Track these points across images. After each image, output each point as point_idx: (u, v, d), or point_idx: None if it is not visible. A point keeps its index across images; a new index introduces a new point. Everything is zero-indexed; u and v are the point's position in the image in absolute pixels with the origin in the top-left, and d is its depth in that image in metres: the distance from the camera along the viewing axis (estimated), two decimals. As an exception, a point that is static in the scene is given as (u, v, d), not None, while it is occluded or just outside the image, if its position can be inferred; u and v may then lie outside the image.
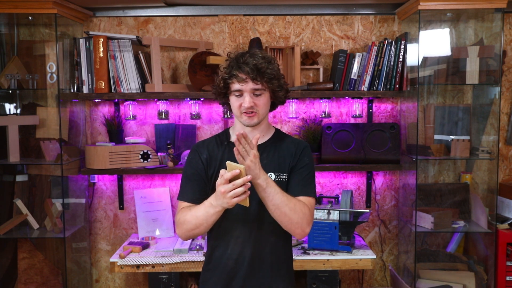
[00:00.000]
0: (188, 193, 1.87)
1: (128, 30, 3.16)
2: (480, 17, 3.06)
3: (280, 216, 1.73)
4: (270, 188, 1.69)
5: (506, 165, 3.26)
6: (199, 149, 1.91)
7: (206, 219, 1.74)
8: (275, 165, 1.84)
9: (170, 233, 3.13)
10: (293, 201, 1.74)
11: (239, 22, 3.17)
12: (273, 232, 1.84)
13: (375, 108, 3.22)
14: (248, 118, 1.80)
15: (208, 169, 1.87)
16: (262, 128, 1.88)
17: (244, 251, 1.84)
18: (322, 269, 2.75)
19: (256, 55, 1.78)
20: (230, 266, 1.85)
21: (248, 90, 1.77)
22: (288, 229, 1.79)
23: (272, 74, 1.78)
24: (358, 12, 3.15)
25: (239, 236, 1.84)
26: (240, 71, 1.75)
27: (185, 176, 1.91)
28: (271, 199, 1.70)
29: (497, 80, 2.93)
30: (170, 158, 3.01)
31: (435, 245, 3.26)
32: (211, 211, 1.71)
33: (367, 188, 3.26)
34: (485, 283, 2.97)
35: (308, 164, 1.87)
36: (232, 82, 1.78)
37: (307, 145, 1.91)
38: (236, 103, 1.80)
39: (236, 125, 1.91)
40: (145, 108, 3.21)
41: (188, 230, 1.80)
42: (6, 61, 3.09)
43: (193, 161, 1.90)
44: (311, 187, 1.85)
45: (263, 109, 1.81)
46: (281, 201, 1.71)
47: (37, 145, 3.06)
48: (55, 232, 2.94)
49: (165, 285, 2.76)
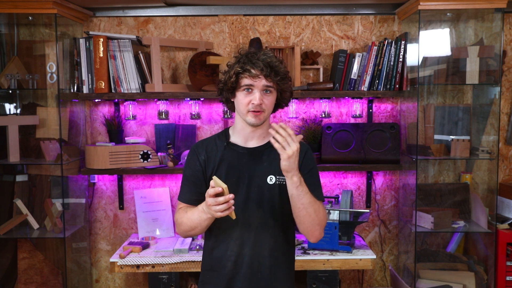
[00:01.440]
0: (185, 195, 1.89)
1: (128, 30, 3.16)
2: (480, 17, 3.06)
3: (305, 216, 1.74)
4: (302, 186, 1.69)
5: (506, 165, 3.26)
6: (198, 149, 1.90)
7: (200, 223, 1.76)
8: (276, 168, 1.79)
9: (170, 233, 3.13)
10: (317, 203, 1.76)
11: (239, 22, 3.17)
12: (273, 234, 1.84)
13: (375, 108, 3.22)
14: (254, 116, 1.77)
15: (206, 170, 1.86)
16: (264, 128, 1.85)
17: (243, 253, 1.83)
18: (322, 269, 2.75)
19: (269, 54, 1.78)
20: (229, 268, 1.84)
21: (260, 86, 1.75)
22: (307, 231, 1.79)
23: (284, 74, 1.79)
24: (358, 12, 3.15)
25: (238, 237, 1.83)
26: (254, 67, 1.74)
27: (184, 177, 1.92)
28: (301, 198, 1.70)
29: (497, 80, 2.93)
30: (170, 158, 3.01)
31: (435, 245, 3.26)
32: (203, 217, 1.73)
33: (367, 188, 3.26)
34: (485, 283, 2.97)
35: (313, 169, 1.86)
36: (244, 77, 1.75)
37: (308, 148, 1.90)
38: (245, 100, 1.77)
39: (237, 124, 1.87)
40: (145, 108, 3.21)
41: (185, 231, 1.84)
42: (6, 61, 3.09)
43: (191, 162, 1.89)
44: (319, 191, 1.85)
45: (269, 108, 1.80)
46: (309, 202, 1.72)
47: (37, 145, 3.06)
48: (55, 232, 2.94)
49: (165, 285, 2.76)
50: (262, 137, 1.86)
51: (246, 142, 1.86)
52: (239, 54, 1.81)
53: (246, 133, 1.84)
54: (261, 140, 1.86)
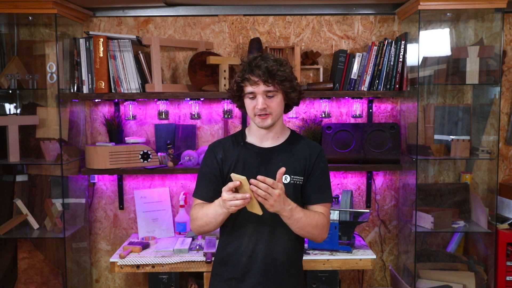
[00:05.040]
0: (202, 191, 1.96)
1: (128, 30, 3.16)
2: (480, 17, 3.06)
3: (304, 234, 1.87)
4: (294, 215, 1.78)
5: (506, 165, 3.26)
6: (215, 148, 1.98)
7: (215, 217, 1.83)
8: (290, 168, 1.89)
9: (170, 233, 3.13)
10: (315, 219, 1.85)
11: (239, 22, 3.17)
12: (286, 232, 1.90)
13: (375, 108, 3.22)
14: (261, 120, 1.86)
15: (223, 168, 1.94)
16: (277, 129, 1.94)
17: (257, 249, 1.90)
18: (322, 269, 2.75)
19: (268, 59, 1.84)
20: (244, 263, 1.92)
21: (260, 92, 1.83)
22: (310, 240, 1.98)
23: (283, 76, 1.83)
24: (358, 12, 3.15)
25: (253, 234, 1.91)
26: (252, 74, 1.81)
27: (200, 174, 1.99)
28: (296, 224, 1.81)
29: (497, 80, 2.93)
30: (170, 158, 3.01)
31: (435, 245, 3.26)
32: (219, 211, 1.80)
33: (367, 188, 3.26)
34: (485, 283, 2.97)
35: (323, 170, 1.95)
36: (245, 85, 1.84)
37: (321, 149, 1.98)
38: (250, 105, 1.86)
39: (252, 126, 1.96)
40: (145, 108, 3.21)
41: (200, 226, 1.90)
42: (6, 61, 3.09)
43: (208, 160, 1.97)
44: (328, 193, 1.95)
45: (276, 110, 1.87)
46: (305, 223, 1.82)
47: (37, 145, 3.06)
48: (55, 232, 2.94)
49: (165, 285, 2.76)
50: (276, 138, 1.95)
51: (261, 142, 1.95)
52: (242, 61, 1.91)
53: (261, 134, 1.94)
54: (276, 140, 1.95)
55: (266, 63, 1.81)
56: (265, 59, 1.83)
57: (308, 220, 1.82)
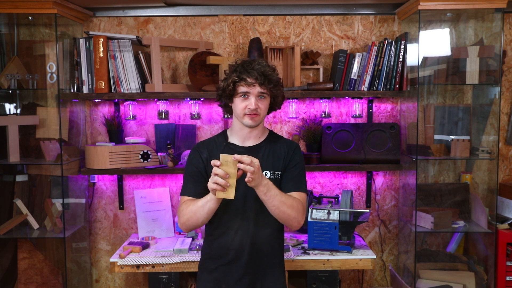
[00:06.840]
0: (190, 189, 2.04)
1: (128, 30, 3.16)
2: (480, 17, 3.06)
3: (279, 214, 1.94)
4: (270, 192, 1.89)
5: (506, 165, 3.26)
6: (200, 148, 2.10)
7: (203, 205, 1.90)
8: (270, 164, 2.05)
9: (170, 233, 3.13)
10: (290, 200, 1.95)
11: (239, 22, 3.17)
12: (269, 224, 2.04)
13: (375, 108, 3.22)
14: (251, 119, 1.98)
15: (208, 167, 2.03)
16: (259, 129, 2.08)
17: (244, 242, 2.03)
18: (322, 269, 2.75)
19: (262, 63, 1.99)
20: (231, 256, 2.04)
21: (255, 93, 1.97)
22: (286, 223, 1.99)
23: (276, 81, 2.00)
24: (358, 12, 3.15)
25: (239, 228, 2.03)
26: (249, 76, 1.94)
27: (186, 174, 2.09)
28: (271, 201, 1.90)
29: (497, 80, 2.93)
30: (170, 158, 3.01)
31: (435, 245, 3.26)
32: (207, 197, 1.89)
33: (367, 188, 3.26)
34: (485, 283, 2.97)
35: (299, 163, 2.08)
36: (241, 85, 1.96)
37: (297, 145, 2.13)
38: (241, 105, 1.98)
39: (235, 126, 2.08)
40: (145, 108, 3.21)
41: (188, 219, 1.97)
42: (6, 61, 3.09)
43: (194, 160, 2.08)
44: (302, 183, 2.07)
45: (264, 112, 2.02)
46: (280, 202, 1.91)
47: (37, 145, 3.06)
48: (55, 232, 2.94)
49: (165, 285, 2.76)
50: (258, 137, 2.09)
51: (243, 142, 2.08)
52: (235, 63, 2.03)
53: (244, 133, 2.06)
54: (257, 139, 2.09)
55: (262, 68, 1.96)
56: (260, 63, 1.97)
57: (283, 199, 1.92)
